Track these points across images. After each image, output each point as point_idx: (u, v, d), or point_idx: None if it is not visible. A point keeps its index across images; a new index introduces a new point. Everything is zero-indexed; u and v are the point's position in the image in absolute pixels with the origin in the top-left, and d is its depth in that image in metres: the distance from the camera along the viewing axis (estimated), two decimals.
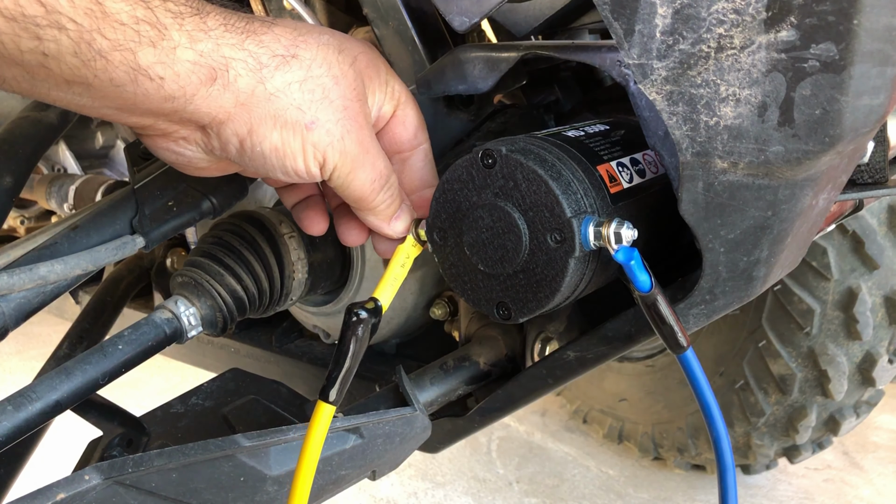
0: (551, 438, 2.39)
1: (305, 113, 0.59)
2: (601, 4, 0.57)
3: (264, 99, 0.58)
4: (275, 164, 0.60)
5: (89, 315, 1.07)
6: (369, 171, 0.64)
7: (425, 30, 0.80)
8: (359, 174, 0.63)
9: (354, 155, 0.62)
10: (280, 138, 0.59)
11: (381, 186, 0.66)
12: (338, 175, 0.63)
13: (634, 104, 0.66)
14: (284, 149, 0.59)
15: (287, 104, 0.58)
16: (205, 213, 0.79)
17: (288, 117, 0.59)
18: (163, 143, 0.61)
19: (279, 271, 0.89)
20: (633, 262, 0.60)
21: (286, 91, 0.58)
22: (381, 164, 0.65)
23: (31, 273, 0.67)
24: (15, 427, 0.65)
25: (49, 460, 1.39)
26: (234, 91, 0.56)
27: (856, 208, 0.88)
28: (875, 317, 1.67)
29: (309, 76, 0.59)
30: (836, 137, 0.54)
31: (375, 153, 0.64)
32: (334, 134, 0.60)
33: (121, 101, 0.53)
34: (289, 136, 0.59)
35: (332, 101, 0.61)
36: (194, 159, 0.62)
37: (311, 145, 0.60)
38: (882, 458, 2.28)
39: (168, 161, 0.63)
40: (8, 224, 1.73)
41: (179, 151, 0.61)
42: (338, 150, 0.61)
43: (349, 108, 0.62)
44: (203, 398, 0.89)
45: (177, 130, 0.59)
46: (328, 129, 0.60)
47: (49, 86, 0.51)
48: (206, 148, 0.61)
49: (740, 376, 1.80)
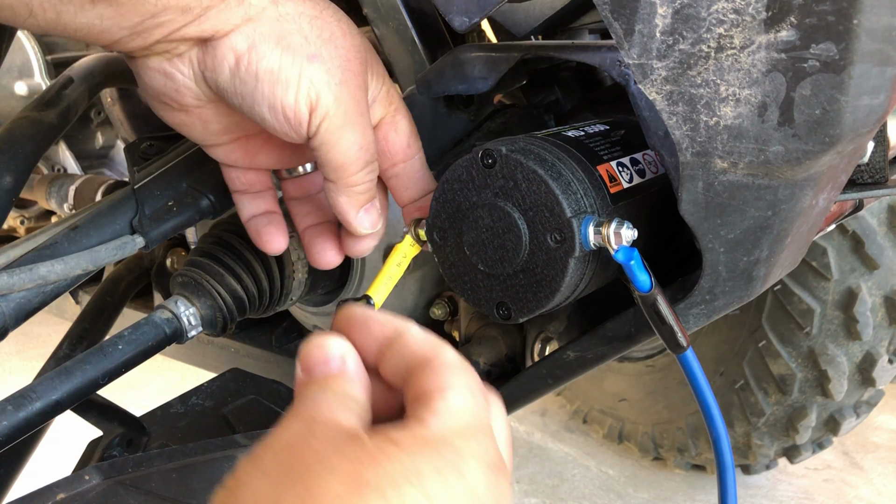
0: (551, 438, 2.39)
1: (310, 45, 0.57)
2: (601, 4, 0.57)
3: (273, 18, 0.56)
4: (265, 91, 0.57)
5: (89, 315, 1.07)
6: (359, 134, 0.60)
7: (425, 30, 0.80)
8: (347, 133, 0.59)
9: (348, 108, 0.58)
10: (279, 61, 0.56)
11: (365, 159, 0.61)
12: (326, 127, 0.58)
13: (634, 104, 0.66)
14: (280, 74, 0.56)
15: (294, 29, 0.57)
16: (204, 212, 0.79)
17: (292, 42, 0.56)
18: (155, 63, 0.59)
19: (279, 271, 0.89)
20: (633, 262, 0.60)
21: (296, 18, 0.57)
22: (370, 135, 0.61)
23: (31, 273, 0.67)
24: (15, 427, 0.65)
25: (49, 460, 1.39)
26: (244, 6, 0.55)
27: (856, 208, 0.88)
28: (875, 317, 1.67)
29: (320, 17, 0.58)
30: (836, 137, 0.54)
31: (367, 122, 0.61)
32: (334, 76, 0.57)
33: (140, 16, 0.53)
34: (288, 61, 0.56)
35: (337, 46, 0.58)
36: (182, 87, 0.60)
37: (309, 79, 0.57)
38: (882, 458, 2.27)
39: (154, 87, 0.61)
40: (8, 224, 1.73)
41: (170, 72, 0.59)
42: (333, 93, 0.57)
43: (352, 63, 0.59)
44: (203, 398, 0.89)
45: (176, 47, 0.57)
46: (329, 68, 0.57)
47: (75, 9, 0.51)
48: (200, 69, 0.58)
49: (740, 376, 1.80)
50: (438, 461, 0.36)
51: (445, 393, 0.40)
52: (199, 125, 0.64)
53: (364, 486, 0.35)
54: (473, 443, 0.38)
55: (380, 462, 0.36)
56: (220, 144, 0.68)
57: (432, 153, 0.83)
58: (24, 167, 0.80)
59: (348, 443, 0.37)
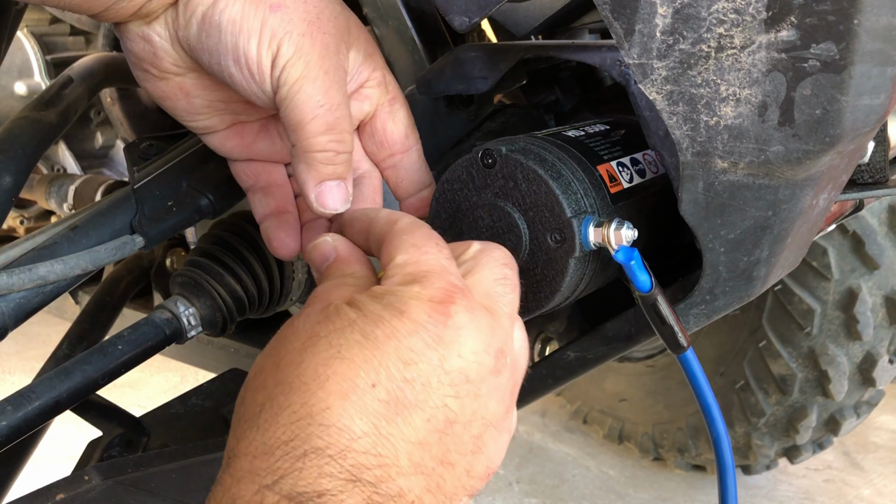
0: (551, 438, 2.39)
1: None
2: (601, 4, 0.57)
3: None
4: (228, 42, 0.56)
5: (89, 315, 1.07)
6: (321, 89, 0.57)
7: (425, 30, 0.80)
8: (307, 86, 0.57)
9: (310, 61, 0.57)
10: (241, 10, 0.56)
11: (326, 122, 0.58)
12: (285, 77, 0.57)
13: (634, 104, 0.66)
14: (242, 23, 0.56)
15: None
16: (204, 212, 0.79)
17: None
18: (135, 28, 0.59)
19: (279, 271, 0.89)
20: (633, 262, 0.60)
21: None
22: (336, 96, 0.58)
23: (31, 273, 0.67)
24: (15, 427, 0.65)
25: (49, 460, 1.39)
26: None
27: (856, 208, 0.88)
28: (875, 317, 1.67)
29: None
30: (836, 137, 0.53)
31: (334, 82, 0.58)
32: (297, 27, 0.57)
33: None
34: (250, 10, 0.56)
35: (306, 3, 0.58)
36: (160, 50, 0.60)
37: (270, 28, 0.56)
38: (882, 458, 2.27)
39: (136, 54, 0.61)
40: (8, 224, 1.73)
41: (148, 35, 0.59)
42: (294, 43, 0.56)
43: (323, 22, 0.58)
44: (203, 398, 0.89)
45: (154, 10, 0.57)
46: (291, 18, 0.57)
47: None
48: (174, 28, 0.59)
49: (740, 376, 1.80)
50: (380, 308, 0.45)
51: (394, 257, 0.49)
52: (181, 97, 0.64)
53: (315, 338, 0.44)
54: (416, 286, 0.46)
55: (331, 319, 0.45)
56: (214, 130, 0.67)
57: (432, 153, 0.82)
58: (23, 167, 0.80)
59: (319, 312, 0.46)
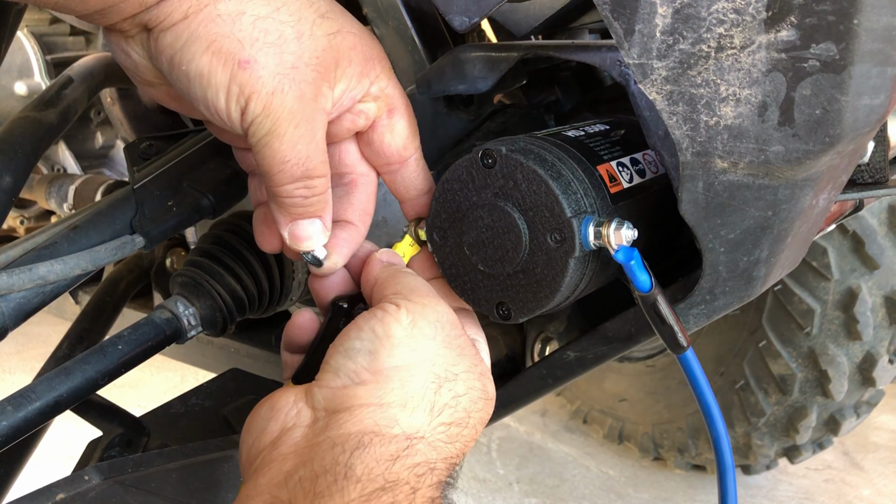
0: (551, 438, 2.39)
1: (245, 49, 0.54)
2: (601, 4, 0.57)
3: (208, 19, 0.54)
4: (197, 92, 0.56)
5: (89, 315, 1.07)
6: (286, 147, 0.57)
7: (425, 30, 0.80)
8: (273, 143, 0.56)
9: (278, 117, 0.56)
10: (208, 65, 0.54)
11: (293, 175, 0.58)
12: (253, 132, 0.56)
13: (634, 104, 0.66)
14: (210, 78, 0.55)
15: (228, 32, 0.54)
16: (204, 212, 0.79)
17: (223, 45, 0.54)
18: (116, 40, 0.58)
19: (279, 271, 0.89)
20: (633, 262, 0.60)
21: (234, 19, 0.54)
22: (305, 150, 0.58)
23: (31, 273, 0.67)
24: (15, 427, 0.65)
25: (49, 460, 1.39)
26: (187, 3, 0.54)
27: (856, 208, 0.88)
28: (875, 317, 1.67)
29: (270, 16, 0.55)
30: (836, 137, 0.53)
31: (305, 135, 0.57)
32: (266, 84, 0.55)
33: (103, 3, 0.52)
34: (218, 65, 0.54)
35: (282, 53, 0.56)
36: (140, 66, 0.59)
37: (238, 85, 0.55)
38: (882, 458, 2.27)
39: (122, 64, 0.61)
40: (8, 224, 1.73)
41: (127, 51, 0.59)
42: (262, 102, 0.55)
43: (298, 71, 0.56)
44: (203, 398, 0.89)
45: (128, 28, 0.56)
46: (261, 75, 0.55)
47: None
48: (147, 53, 0.58)
49: (740, 376, 1.80)
50: None
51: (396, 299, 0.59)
52: (171, 102, 0.64)
53: None
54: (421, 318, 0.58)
55: None
56: None
57: (432, 153, 0.83)
58: (23, 167, 0.80)
59: None
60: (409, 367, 0.55)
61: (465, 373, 0.57)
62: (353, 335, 0.56)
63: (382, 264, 0.64)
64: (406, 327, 0.56)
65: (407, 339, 0.55)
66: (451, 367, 0.56)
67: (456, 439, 0.55)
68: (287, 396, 0.56)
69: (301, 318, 0.66)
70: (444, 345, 0.57)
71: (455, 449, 0.55)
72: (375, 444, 0.51)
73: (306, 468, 0.51)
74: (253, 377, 0.96)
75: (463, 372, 0.57)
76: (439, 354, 0.56)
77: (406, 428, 0.53)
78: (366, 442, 0.51)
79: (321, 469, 0.50)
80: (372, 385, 0.54)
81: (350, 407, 0.53)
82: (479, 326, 0.67)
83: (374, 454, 0.51)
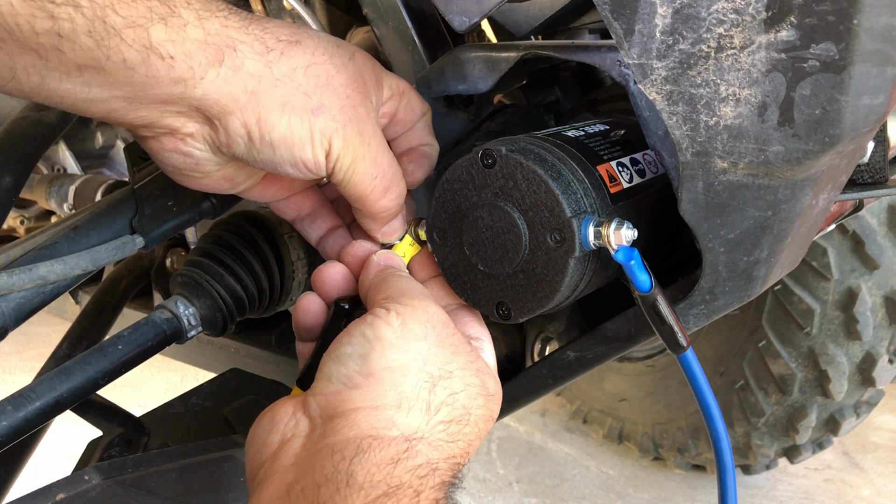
0: (551, 438, 2.39)
1: (311, 98, 0.59)
2: (601, 4, 0.57)
3: (271, 85, 0.58)
4: (284, 155, 0.60)
5: (89, 315, 1.07)
6: (370, 165, 0.63)
7: (425, 30, 0.80)
8: (359, 167, 0.62)
9: (356, 145, 0.61)
10: (288, 126, 0.58)
11: (383, 186, 0.64)
12: (340, 166, 0.62)
13: (634, 104, 0.66)
14: (293, 137, 0.59)
15: (294, 89, 0.58)
16: (204, 212, 0.79)
17: (296, 103, 0.58)
18: (169, 144, 0.60)
19: (279, 271, 0.89)
20: (633, 262, 0.60)
21: (292, 76, 0.58)
22: (384, 161, 0.64)
23: (31, 273, 0.67)
24: (15, 427, 0.65)
25: (49, 460, 1.39)
26: (242, 77, 0.56)
27: (856, 208, 0.88)
28: (875, 317, 1.67)
29: (313, 62, 0.60)
30: (836, 137, 0.54)
31: (378, 148, 0.64)
32: (339, 120, 0.60)
33: (131, 86, 0.53)
34: (297, 122, 0.59)
35: (335, 87, 0.60)
36: (202, 160, 0.61)
37: (319, 132, 0.59)
38: (882, 458, 2.27)
39: (174, 165, 0.62)
40: (8, 224, 1.73)
41: (187, 151, 0.60)
42: (341, 136, 0.60)
43: (351, 98, 0.61)
44: (203, 398, 0.89)
45: (184, 125, 0.58)
46: (333, 114, 0.60)
47: (60, 74, 0.51)
48: (214, 145, 0.60)
49: (740, 376, 1.80)
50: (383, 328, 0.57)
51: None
52: (225, 184, 0.66)
53: None
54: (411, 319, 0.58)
55: None
56: (251, 188, 0.69)
57: None
58: (24, 167, 0.80)
59: None
60: (402, 368, 0.55)
61: (460, 370, 0.57)
62: (344, 341, 0.57)
63: (378, 268, 0.65)
64: (396, 329, 0.56)
65: (397, 340, 0.56)
66: (445, 365, 0.57)
67: (457, 437, 0.55)
68: (286, 408, 0.57)
69: (305, 301, 0.67)
70: (436, 344, 0.57)
71: (458, 448, 0.55)
72: (375, 449, 0.51)
73: (307, 479, 0.51)
74: (253, 377, 0.96)
75: (458, 369, 0.57)
76: (432, 354, 0.56)
77: (404, 429, 0.53)
78: (365, 447, 0.51)
79: (322, 479, 0.50)
80: (365, 388, 0.54)
81: (345, 412, 0.53)
82: (482, 324, 0.67)
83: (375, 459, 0.51)
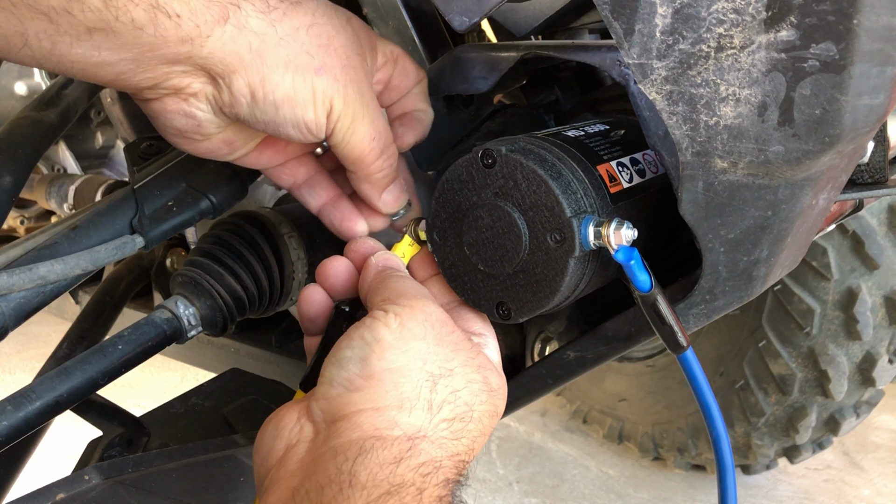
0: (551, 438, 2.39)
1: (314, 58, 0.60)
2: (601, 4, 0.57)
3: (275, 44, 0.58)
4: (286, 115, 0.60)
5: (89, 315, 1.07)
6: (369, 126, 0.64)
7: (425, 30, 0.80)
8: (359, 128, 0.63)
9: (356, 106, 0.62)
10: (292, 85, 0.59)
11: (380, 148, 0.66)
12: (340, 127, 0.62)
13: (634, 104, 0.66)
14: (296, 97, 0.60)
15: (297, 49, 0.59)
16: (204, 212, 0.79)
17: (299, 62, 0.59)
18: (173, 105, 0.60)
19: (279, 271, 0.89)
20: (633, 262, 0.60)
21: (295, 36, 0.59)
22: (380, 123, 0.65)
23: (31, 273, 0.67)
24: (15, 427, 0.65)
25: (49, 460, 1.39)
26: (247, 35, 0.57)
27: (856, 208, 0.88)
28: (875, 317, 1.67)
29: (314, 22, 0.60)
30: (836, 137, 0.54)
31: (375, 110, 0.65)
32: (340, 81, 0.61)
33: (139, 47, 0.54)
34: (300, 82, 0.59)
35: (335, 48, 0.61)
36: (204, 122, 0.62)
37: (321, 92, 0.60)
38: (882, 458, 2.27)
39: (176, 127, 0.62)
40: (8, 224, 1.73)
41: (190, 112, 0.61)
42: (342, 97, 0.61)
43: (350, 59, 0.62)
44: (203, 398, 0.89)
45: (189, 85, 0.59)
46: (335, 75, 0.61)
47: (71, 39, 0.52)
48: (217, 105, 0.60)
49: (740, 376, 1.80)
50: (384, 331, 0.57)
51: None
52: (224, 147, 0.66)
53: None
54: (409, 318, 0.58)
55: None
56: (247, 154, 0.69)
57: (432, 153, 0.83)
58: (24, 167, 0.80)
59: None
60: (402, 368, 0.55)
61: (461, 367, 0.57)
62: (344, 345, 0.57)
63: (377, 270, 0.65)
64: (394, 330, 0.56)
65: (396, 341, 0.56)
66: (445, 363, 0.57)
67: (461, 435, 0.55)
68: (290, 414, 0.57)
69: (308, 291, 0.68)
70: (435, 343, 0.57)
71: (462, 445, 0.55)
72: (377, 449, 0.51)
73: (311, 481, 0.51)
74: (253, 377, 0.96)
75: (459, 367, 0.57)
76: (431, 353, 0.56)
77: (406, 428, 0.53)
78: (367, 447, 0.51)
79: (325, 480, 0.50)
80: (366, 390, 0.54)
81: (347, 414, 0.53)
82: (486, 321, 0.67)
83: (377, 459, 0.51)
